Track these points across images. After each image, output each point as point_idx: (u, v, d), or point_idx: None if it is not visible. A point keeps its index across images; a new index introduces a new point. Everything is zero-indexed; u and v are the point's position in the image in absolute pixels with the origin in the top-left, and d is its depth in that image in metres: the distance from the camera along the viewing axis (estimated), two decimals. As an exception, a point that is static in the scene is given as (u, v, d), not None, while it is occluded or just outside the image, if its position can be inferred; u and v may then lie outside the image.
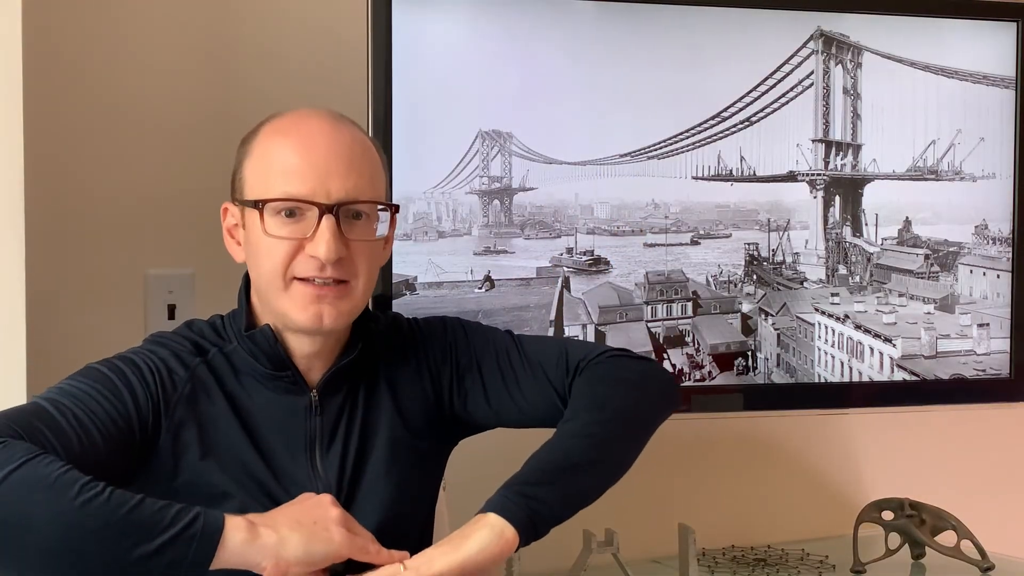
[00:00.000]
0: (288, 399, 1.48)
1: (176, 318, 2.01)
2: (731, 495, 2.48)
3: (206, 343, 1.49)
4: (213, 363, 1.47)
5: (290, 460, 1.45)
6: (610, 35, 2.14)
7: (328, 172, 1.42)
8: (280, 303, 1.44)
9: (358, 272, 1.45)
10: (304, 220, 1.42)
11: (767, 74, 2.22)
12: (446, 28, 2.08)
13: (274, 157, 1.44)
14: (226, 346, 1.49)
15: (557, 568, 2.13)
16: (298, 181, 1.41)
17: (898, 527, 2.23)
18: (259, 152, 1.46)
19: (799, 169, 2.26)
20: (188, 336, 1.50)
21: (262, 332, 1.46)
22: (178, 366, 1.45)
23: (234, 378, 1.47)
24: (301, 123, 1.46)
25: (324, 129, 1.45)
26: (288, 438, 1.46)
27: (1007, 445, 2.71)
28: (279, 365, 1.47)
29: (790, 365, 2.25)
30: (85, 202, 2.02)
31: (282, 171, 1.43)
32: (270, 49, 2.11)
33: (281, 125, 1.47)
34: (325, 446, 1.48)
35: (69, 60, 2.00)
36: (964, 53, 2.32)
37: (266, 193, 1.43)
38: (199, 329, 1.51)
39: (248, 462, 1.43)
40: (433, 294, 2.05)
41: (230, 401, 1.46)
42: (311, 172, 1.42)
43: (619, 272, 2.16)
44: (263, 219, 1.43)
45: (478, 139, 2.07)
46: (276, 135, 1.46)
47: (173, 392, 1.43)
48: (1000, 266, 2.35)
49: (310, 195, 1.41)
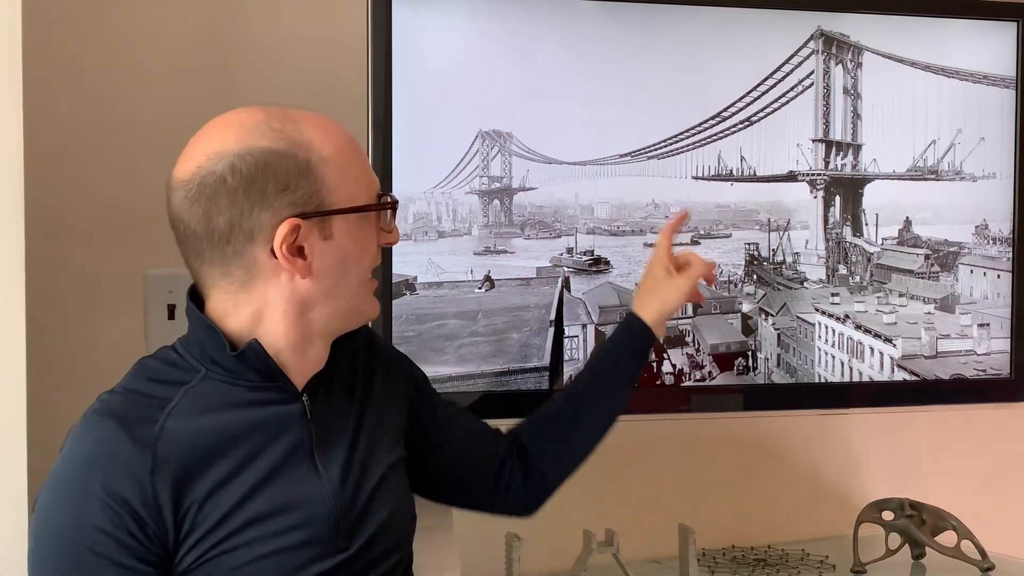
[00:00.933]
0: (279, 409, 1.44)
1: (176, 318, 2.01)
2: (731, 495, 2.48)
3: (163, 397, 1.40)
4: (179, 420, 1.39)
5: (295, 468, 1.44)
6: (610, 35, 2.14)
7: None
8: (363, 302, 1.49)
9: None
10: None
11: (767, 74, 2.22)
12: (446, 28, 2.08)
13: (349, 160, 1.44)
14: (193, 379, 1.42)
15: (557, 568, 2.13)
16: (374, 177, 1.49)
17: (898, 527, 2.23)
18: (336, 158, 1.42)
19: (799, 169, 2.26)
20: (142, 406, 1.38)
21: (251, 350, 1.41)
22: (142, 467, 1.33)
23: (214, 413, 1.40)
24: (328, 122, 1.45)
25: (346, 132, 1.48)
26: (288, 448, 1.43)
27: (1007, 445, 2.71)
28: (269, 377, 1.43)
29: (790, 365, 2.25)
30: (85, 202, 2.02)
31: (365, 172, 1.47)
32: (269, 49, 2.11)
33: (321, 128, 1.43)
34: (324, 448, 1.47)
35: (69, 60, 2.00)
36: (964, 53, 2.32)
37: (371, 192, 1.46)
38: (151, 378, 1.42)
39: (257, 496, 1.40)
40: (433, 294, 2.05)
41: (215, 443, 1.39)
42: (370, 168, 1.49)
43: (619, 272, 2.16)
44: (380, 219, 1.47)
45: (478, 139, 2.07)
46: (329, 141, 1.42)
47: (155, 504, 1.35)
48: (1000, 266, 2.34)
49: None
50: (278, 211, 1.38)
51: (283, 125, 1.41)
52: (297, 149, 1.39)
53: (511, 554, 1.99)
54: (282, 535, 1.39)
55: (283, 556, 1.39)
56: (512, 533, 2.00)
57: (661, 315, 1.80)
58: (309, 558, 1.41)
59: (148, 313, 2.03)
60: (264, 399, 1.43)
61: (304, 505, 1.42)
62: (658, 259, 1.82)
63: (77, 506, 1.33)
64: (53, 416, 1.55)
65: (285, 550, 1.39)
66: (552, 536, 2.13)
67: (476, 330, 2.06)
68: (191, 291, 1.46)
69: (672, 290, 1.80)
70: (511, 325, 2.06)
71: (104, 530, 1.32)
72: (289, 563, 1.40)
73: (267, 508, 1.39)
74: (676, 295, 1.80)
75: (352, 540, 1.45)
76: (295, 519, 1.41)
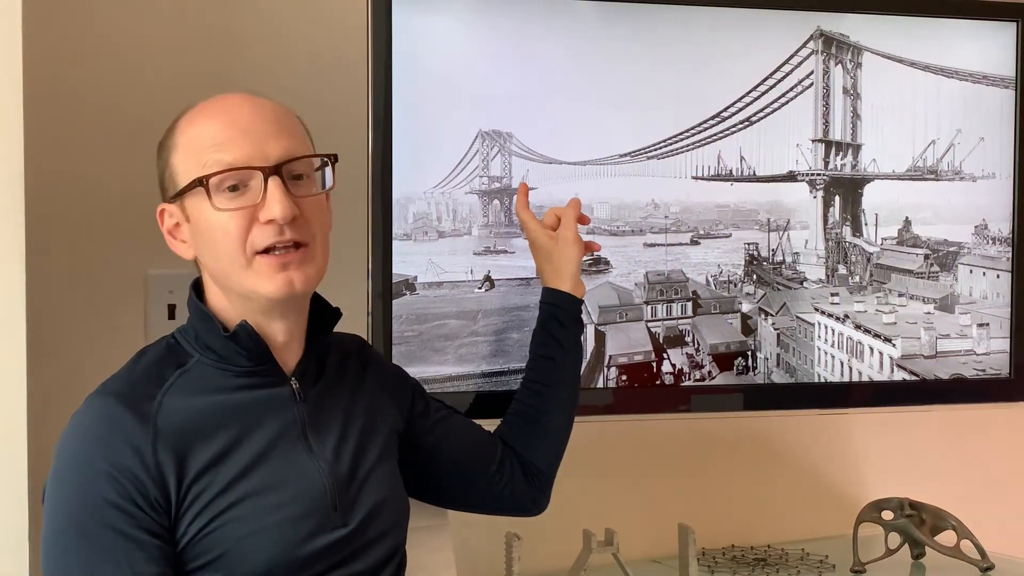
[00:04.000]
0: (268, 392, 1.47)
1: (176, 318, 2.01)
2: (731, 495, 2.48)
3: (160, 377, 1.44)
4: (175, 397, 1.43)
5: (289, 447, 1.46)
6: (610, 35, 2.14)
7: (260, 135, 1.42)
8: (246, 281, 1.43)
9: (314, 233, 1.46)
10: (249, 190, 1.42)
11: (767, 74, 2.22)
12: (446, 28, 2.08)
13: (204, 137, 1.43)
14: (188, 362, 1.46)
15: (557, 568, 2.13)
16: (235, 149, 1.41)
17: (898, 527, 2.23)
18: (185, 139, 1.45)
19: (799, 169, 2.26)
20: (139, 390, 1.43)
21: (243, 329, 1.44)
22: (143, 439, 1.38)
23: (205, 395, 1.44)
24: (218, 101, 1.46)
25: (244, 100, 1.46)
26: (280, 428, 1.46)
27: (1007, 445, 2.71)
28: (260, 359, 1.46)
29: (790, 365, 2.25)
30: (85, 202, 2.02)
31: (213, 146, 1.42)
32: (269, 49, 2.11)
33: (198, 110, 1.47)
34: (316, 429, 1.49)
35: (69, 60, 2.00)
36: (964, 53, 2.32)
37: (204, 171, 1.41)
38: (149, 362, 1.47)
39: (252, 473, 1.43)
40: (433, 294, 2.05)
41: (209, 422, 1.42)
42: (244, 139, 1.42)
43: (619, 272, 2.16)
44: (211, 197, 1.41)
45: (478, 139, 2.07)
46: (198, 118, 1.45)
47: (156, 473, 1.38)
48: (1000, 266, 2.35)
49: (248, 160, 1.41)
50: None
51: (183, 110, 1.48)
52: (166, 136, 1.47)
53: (511, 554, 1.99)
54: (280, 509, 1.42)
55: (282, 529, 1.42)
56: (512, 533, 2.00)
57: (572, 276, 1.87)
58: (308, 531, 1.43)
59: (148, 313, 2.04)
60: (253, 383, 1.47)
61: (299, 479, 1.45)
62: (533, 232, 1.91)
63: (83, 479, 1.36)
64: (53, 416, 1.55)
65: (284, 523, 1.42)
66: (552, 536, 2.13)
67: (476, 330, 2.06)
68: (195, 283, 1.51)
69: (564, 247, 1.88)
70: (511, 325, 2.06)
71: (110, 501, 1.35)
72: (289, 536, 1.42)
73: (262, 484, 1.42)
74: (570, 249, 1.88)
75: (349, 517, 1.47)
76: (291, 493, 1.43)
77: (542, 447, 1.82)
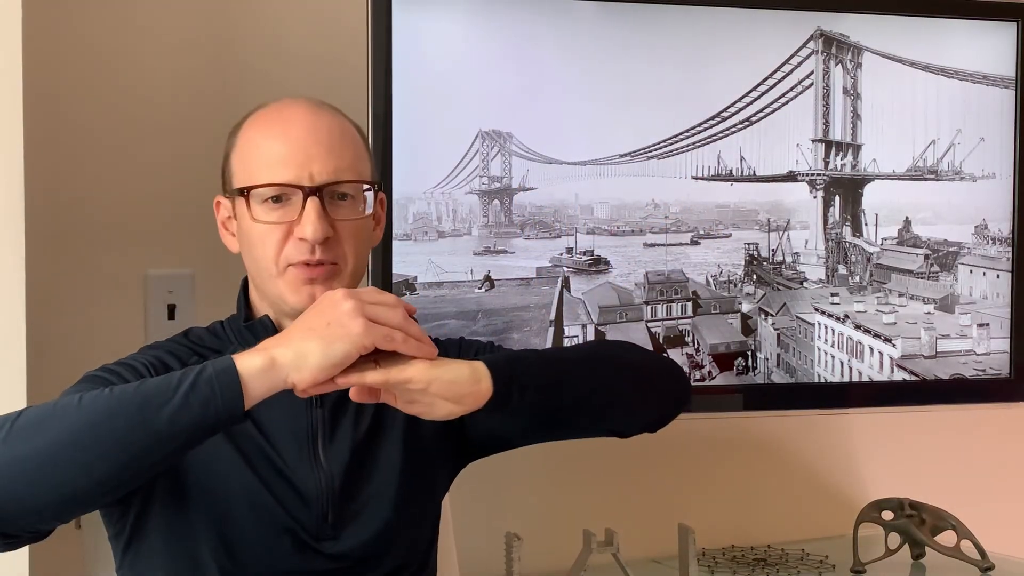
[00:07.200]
0: (288, 392, 1.47)
1: (176, 318, 2.01)
2: (731, 495, 2.48)
3: (204, 349, 1.51)
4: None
5: (296, 452, 1.46)
6: (610, 35, 2.14)
7: (309, 156, 1.46)
8: (275, 288, 1.48)
9: (347, 255, 1.48)
10: (290, 205, 1.46)
11: (767, 74, 2.22)
12: (446, 28, 2.08)
13: (257, 146, 1.49)
14: (226, 348, 1.49)
15: (557, 568, 2.13)
16: (281, 167, 1.45)
17: (898, 527, 2.23)
18: (243, 142, 1.51)
19: (799, 169, 2.26)
20: (184, 343, 1.53)
21: (261, 323, 1.50)
22: (177, 365, 1.45)
23: None
24: (282, 111, 1.50)
25: (303, 115, 1.49)
26: (291, 430, 1.47)
27: (1007, 445, 2.70)
28: None
29: (790, 365, 2.25)
30: (85, 202, 2.02)
31: (266, 159, 1.47)
32: (270, 50, 2.11)
33: (263, 115, 1.52)
34: (327, 437, 1.48)
35: (69, 60, 2.00)
36: (964, 53, 2.33)
37: (251, 181, 1.47)
38: (197, 336, 1.54)
39: (260, 446, 1.45)
40: (433, 294, 2.05)
41: None
42: (292, 158, 1.46)
43: (619, 272, 2.17)
44: (250, 207, 1.47)
45: (478, 139, 2.07)
46: (258, 125, 1.51)
47: None
48: (1000, 266, 2.35)
49: (293, 180, 1.45)
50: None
51: (258, 105, 1.53)
52: (235, 129, 1.53)
53: (511, 554, 1.99)
54: (271, 508, 1.43)
55: (269, 519, 1.43)
56: (512, 533, 2.00)
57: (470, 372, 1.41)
58: (292, 543, 1.44)
59: (148, 313, 2.04)
60: None
61: (296, 484, 1.45)
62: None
63: (115, 363, 1.45)
64: (53, 416, 1.55)
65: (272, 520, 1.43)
66: (552, 536, 2.13)
67: (476, 330, 2.06)
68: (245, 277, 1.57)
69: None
70: (511, 325, 2.06)
71: (131, 365, 1.44)
72: (273, 526, 1.43)
73: (259, 479, 1.44)
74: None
75: (340, 531, 1.46)
76: (286, 495, 1.44)
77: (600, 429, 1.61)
